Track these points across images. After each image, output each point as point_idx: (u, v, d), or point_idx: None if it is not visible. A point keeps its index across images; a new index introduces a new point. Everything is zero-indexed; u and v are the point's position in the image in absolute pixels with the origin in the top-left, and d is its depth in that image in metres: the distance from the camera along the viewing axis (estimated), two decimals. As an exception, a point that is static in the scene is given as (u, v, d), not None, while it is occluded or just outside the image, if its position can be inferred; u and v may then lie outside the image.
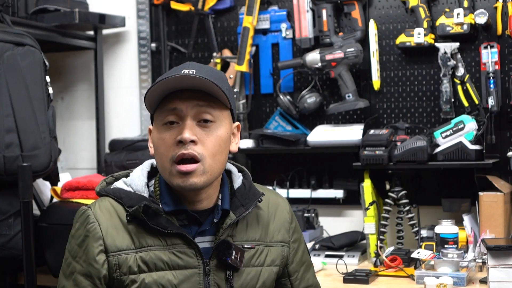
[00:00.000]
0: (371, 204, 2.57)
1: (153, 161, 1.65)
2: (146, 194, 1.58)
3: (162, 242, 1.54)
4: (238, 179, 1.67)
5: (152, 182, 1.62)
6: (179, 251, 1.54)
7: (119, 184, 1.62)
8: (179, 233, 1.54)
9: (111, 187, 1.62)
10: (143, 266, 1.52)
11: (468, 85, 2.68)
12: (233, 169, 1.68)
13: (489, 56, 2.62)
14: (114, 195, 1.58)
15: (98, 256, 1.52)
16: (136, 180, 1.61)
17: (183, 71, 1.53)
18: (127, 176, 1.66)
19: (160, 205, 1.56)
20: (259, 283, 1.62)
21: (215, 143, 1.54)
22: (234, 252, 1.56)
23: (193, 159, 1.52)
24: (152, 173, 1.65)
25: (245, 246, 1.61)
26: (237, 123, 1.64)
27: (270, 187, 2.88)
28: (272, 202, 1.71)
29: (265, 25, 2.98)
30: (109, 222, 1.54)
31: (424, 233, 2.59)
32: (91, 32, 3.20)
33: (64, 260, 1.59)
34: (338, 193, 2.88)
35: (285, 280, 1.72)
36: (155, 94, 1.54)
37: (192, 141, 1.51)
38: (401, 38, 2.74)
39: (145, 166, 1.65)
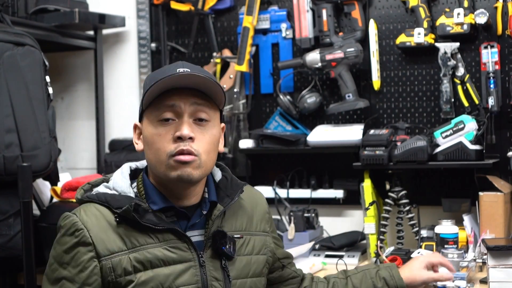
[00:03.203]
0: (371, 204, 2.57)
1: (131, 164, 1.68)
2: (132, 195, 1.59)
3: (154, 240, 1.55)
4: (217, 173, 1.72)
5: (135, 183, 1.64)
6: (173, 246, 1.56)
7: (101, 189, 1.62)
8: (170, 228, 1.56)
9: (93, 193, 1.61)
10: (138, 266, 1.53)
11: (468, 85, 2.68)
12: None
13: (489, 56, 2.62)
14: (99, 200, 1.58)
15: (88, 263, 1.52)
16: (120, 182, 1.61)
17: (178, 70, 1.55)
18: (103, 181, 1.66)
19: (147, 204, 1.58)
20: (251, 271, 1.67)
21: (209, 141, 1.59)
22: (227, 241, 1.60)
23: (190, 154, 1.55)
24: (133, 175, 1.66)
25: (234, 236, 1.65)
26: (223, 124, 1.68)
27: (270, 187, 2.89)
28: (251, 194, 1.78)
29: (265, 25, 2.98)
30: (97, 226, 1.54)
31: (424, 233, 2.59)
32: (91, 32, 3.20)
33: (48, 265, 1.57)
34: (338, 193, 2.88)
35: (278, 267, 1.82)
36: (155, 89, 1.56)
37: (190, 138, 1.55)
38: (401, 38, 2.74)
39: (125, 169, 1.66)
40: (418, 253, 2.35)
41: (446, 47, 2.68)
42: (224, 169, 1.73)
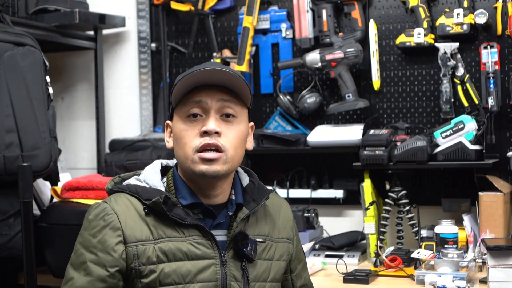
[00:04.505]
0: (371, 204, 2.58)
1: (162, 160, 1.72)
2: (162, 189, 1.63)
3: (179, 234, 1.58)
4: (245, 178, 1.73)
5: (165, 179, 1.67)
6: (197, 242, 1.58)
7: (132, 181, 1.66)
8: (196, 225, 1.59)
9: (124, 184, 1.66)
10: (162, 256, 1.55)
11: (468, 85, 2.69)
12: (240, 170, 1.75)
13: (489, 56, 2.62)
14: (129, 190, 1.62)
15: (116, 246, 1.54)
16: (151, 176, 1.65)
17: (205, 67, 1.58)
18: (134, 175, 1.70)
19: (177, 199, 1.61)
20: (270, 276, 1.68)
21: (236, 136, 1.61)
22: (249, 243, 1.61)
23: (216, 149, 1.58)
24: (162, 171, 1.69)
25: (257, 240, 1.66)
26: (252, 123, 1.71)
27: (270, 187, 2.89)
28: (276, 201, 1.79)
29: (265, 25, 2.98)
30: (127, 214, 1.57)
31: (424, 233, 2.59)
32: (91, 32, 3.20)
33: (73, 253, 1.59)
34: (338, 193, 2.88)
35: (287, 276, 1.78)
36: (182, 86, 1.60)
37: (217, 133, 1.58)
38: (401, 38, 2.74)
39: (156, 165, 1.70)
40: (418, 253, 2.36)
41: (446, 47, 2.68)
42: (252, 175, 1.75)
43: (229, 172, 1.61)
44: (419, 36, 2.69)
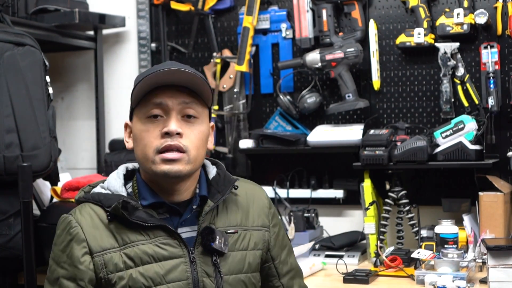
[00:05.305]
0: (371, 204, 2.58)
1: (128, 164, 1.71)
2: (124, 193, 1.62)
3: (145, 237, 1.57)
4: (212, 170, 1.72)
5: (130, 184, 1.66)
6: (163, 243, 1.57)
7: (97, 189, 1.66)
8: (160, 225, 1.58)
9: (90, 193, 1.65)
10: (129, 262, 1.55)
11: (468, 85, 2.69)
12: (207, 162, 1.74)
13: (489, 56, 2.62)
14: (93, 199, 1.62)
15: (82, 258, 1.54)
16: (113, 182, 1.64)
17: (165, 67, 1.57)
18: (102, 183, 1.69)
19: (139, 202, 1.60)
20: (245, 266, 1.66)
21: (198, 137, 1.61)
22: (217, 237, 1.60)
23: (178, 150, 1.57)
24: (128, 176, 1.69)
25: (228, 231, 1.65)
26: (212, 123, 1.70)
27: (270, 187, 2.89)
28: (249, 190, 1.77)
29: (265, 25, 2.98)
30: (90, 224, 1.57)
31: (424, 233, 2.59)
32: (91, 32, 3.20)
33: (48, 269, 1.61)
34: (338, 193, 2.88)
35: (269, 265, 1.75)
36: (143, 87, 1.59)
37: (178, 134, 1.57)
38: (401, 38, 2.74)
39: (120, 170, 1.69)
40: (418, 253, 2.35)
41: (446, 47, 2.68)
42: (219, 166, 1.74)
43: (192, 172, 1.60)
44: (419, 36, 2.69)
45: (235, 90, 3.02)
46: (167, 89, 1.58)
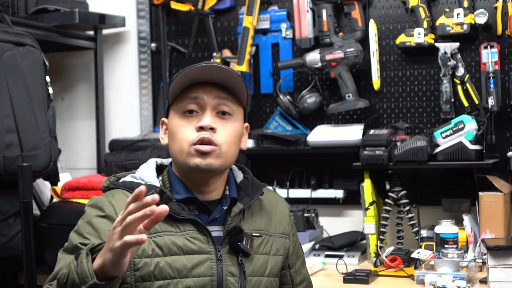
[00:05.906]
0: (371, 204, 2.58)
1: (157, 159, 1.74)
2: (157, 185, 1.64)
3: (175, 229, 1.58)
4: (239, 175, 1.75)
5: (160, 177, 1.68)
6: (192, 237, 1.59)
7: (128, 178, 1.67)
8: (191, 220, 1.59)
9: (121, 181, 1.67)
10: (158, 250, 1.55)
11: (468, 85, 2.69)
12: (234, 167, 1.76)
13: (489, 56, 2.62)
14: (125, 187, 1.64)
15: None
16: (146, 173, 1.67)
17: (203, 64, 1.60)
18: (130, 174, 1.71)
19: (171, 194, 1.62)
20: (267, 270, 1.68)
21: (231, 133, 1.63)
22: (244, 238, 1.62)
23: (210, 144, 1.59)
24: (158, 170, 1.71)
25: (253, 234, 1.67)
26: (247, 123, 1.73)
27: (270, 187, 2.89)
28: (272, 198, 1.80)
29: (265, 25, 2.98)
30: (123, 208, 1.55)
31: (424, 233, 2.59)
32: (91, 32, 3.20)
33: (67, 242, 1.57)
34: (338, 193, 2.88)
35: (285, 272, 1.79)
36: (180, 82, 1.61)
37: (212, 128, 1.60)
38: (401, 38, 2.74)
39: (151, 163, 1.72)
40: (418, 253, 2.35)
41: (446, 47, 2.68)
42: (246, 172, 1.77)
43: (222, 167, 1.62)
44: (419, 36, 2.69)
45: (235, 90, 3.02)
46: (203, 85, 1.62)
